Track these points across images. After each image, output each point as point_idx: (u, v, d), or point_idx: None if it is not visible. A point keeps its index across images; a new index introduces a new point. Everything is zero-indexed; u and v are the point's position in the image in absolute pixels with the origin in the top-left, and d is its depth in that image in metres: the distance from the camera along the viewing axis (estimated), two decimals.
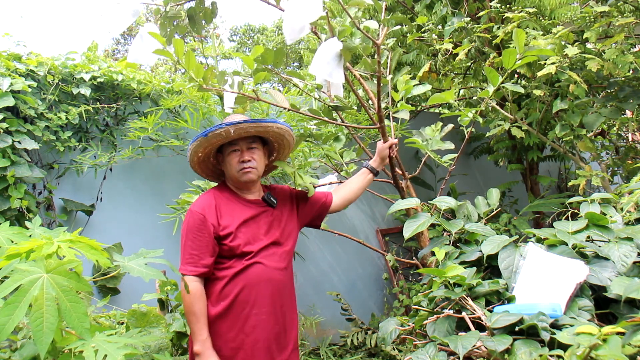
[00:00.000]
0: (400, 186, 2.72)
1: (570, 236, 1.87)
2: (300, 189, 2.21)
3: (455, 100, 2.64)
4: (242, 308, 1.81)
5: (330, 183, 3.02)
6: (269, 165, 2.12)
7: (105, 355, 1.30)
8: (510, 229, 4.13)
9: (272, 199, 1.99)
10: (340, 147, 2.96)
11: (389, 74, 2.63)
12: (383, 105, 2.57)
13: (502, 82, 2.47)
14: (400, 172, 2.80)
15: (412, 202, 2.31)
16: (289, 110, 2.26)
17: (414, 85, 2.50)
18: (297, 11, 1.96)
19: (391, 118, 2.71)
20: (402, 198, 2.66)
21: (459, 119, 2.76)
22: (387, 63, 2.64)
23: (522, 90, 2.61)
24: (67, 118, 3.21)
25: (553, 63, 2.97)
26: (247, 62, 2.01)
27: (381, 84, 2.33)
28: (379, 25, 2.25)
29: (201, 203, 1.88)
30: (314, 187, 2.20)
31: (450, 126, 2.83)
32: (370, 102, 2.80)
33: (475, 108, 2.76)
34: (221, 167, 1.99)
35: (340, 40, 2.12)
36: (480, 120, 2.76)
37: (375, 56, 2.24)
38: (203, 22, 2.32)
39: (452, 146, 2.71)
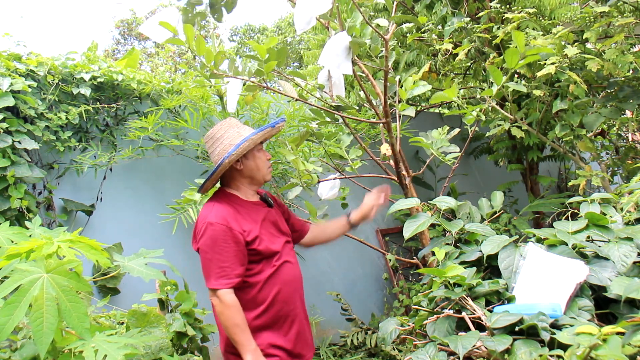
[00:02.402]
0: (404, 183, 2.73)
1: (570, 236, 1.87)
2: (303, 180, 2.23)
3: (458, 98, 2.64)
4: (279, 308, 1.84)
5: (335, 179, 3.03)
6: None
7: (105, 355, 1.31)
8: (510, 229, 4.13)
9: (268, 199, 2.02)
10: (345, 146, 2.99)
11: (398, 73, 2.66)
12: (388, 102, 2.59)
13: (504, 82, 2.47)
14: (404, 170, 2.80)
15: (413, 202, 2.31)
16: (297, 100, 2.29)
17: (416, 86, 2.52)
18: (307, 4, 2.01)
19: (397, 117, 2.72)
20: (406, 196, 2.67)
21: (463, 118, 2.76)
22: (395, 64, 2.67)
23: (524, 89, 2.61)
24: (67, 118, 3.21)
25: (553, 63, 2.96)
26: (259, 50, 2.02)
27: (387, 81, 2.36)
28: (389, 23, 2.29)
29: (218, 214, 1.80)
30: (317, 181, 2.20)
31: (456, 130, 2.83)
32: (375, 99, 2.81)
33: (479, 106, 2.76)
34: (238, 167, 1.91)
35: (349, 35, 2.15)
36: (484, 117, 2.77)
37: (383, 52, 2.26)
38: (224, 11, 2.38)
39: (457, 149, 2.72)
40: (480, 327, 1.65)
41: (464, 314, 1.71)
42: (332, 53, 2.13)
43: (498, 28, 3.36)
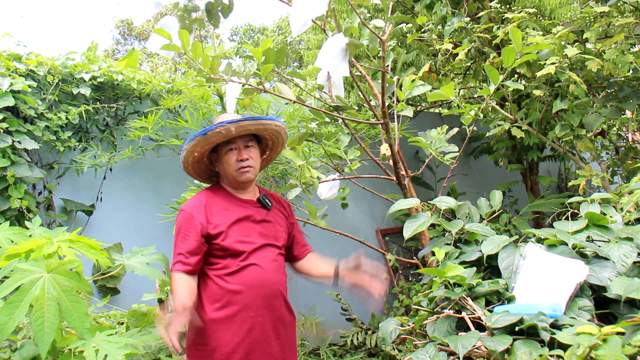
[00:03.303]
0: (403, 184, 2.73)
1: (570, 236, 1.87)
2: (303, 184, 2.22)
3: (456, 97, 2.64)
4: (237, 310, 1.78)
5: (334, 179, 3.03)
6: (261, 164, 2.11)
7: (106, 355, 1.30)
8: (510, 229, 4.13)
9: (267, 200, 1.97)
10: (344, 146, 2.99)
11: (396, 74, 2.66)
12: (386, 103, 2.60)
13: (502, 81, 2.47)
14: (403, 170, 2.81)
15: (412, 202, 2.31)
16: (294, 102, 2.28)
17: (415, 86, 2.52)
18: (303, 5, 2.01)
19: (396, 118, 2.72)
20: (405, 196, 2.67)
21: (461, 117, 2.76)
22: (393, 64, 2.67)
23: (522, 88, 2.61)
24: (67, 118, 3.21)
25: (553, 63, 2.96)
26: (255, 53, 2.02)
27: (385, 82, 2.36)
28: (385, 23, 2.29)
29: (190, 202, 1.87)
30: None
31: (455, 130, 2.83)
32: (373, 100, 2.81)
33: (477, 105, 2.76)
34: (215, 167, 1.97)
35: (346, 36, 2.15)
36: (482, 116, 2.77)
37: (380, 53, 2.26)
38: (220, 15, 2.38)
39: (455, 149, 2.72)
40: (480, 327, 1.65)
41: (464, 314, 1.71)
42: (328, 55, 2.14)
43: (498, 28, 3.36)
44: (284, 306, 1.92)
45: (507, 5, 3.77)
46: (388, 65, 2.50)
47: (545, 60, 3.05)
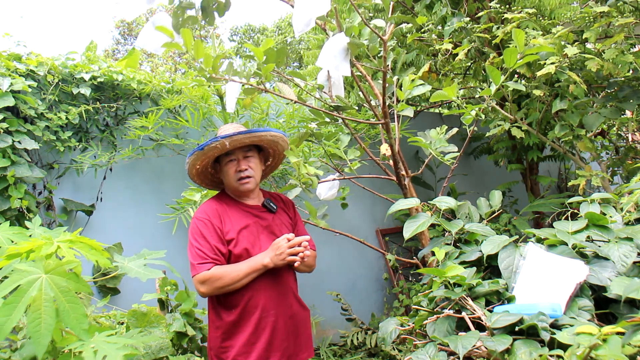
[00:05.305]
0: (403, 184, 2.73)
1: (570, 236, 1.87)
2: (302, 181, 2.23)
3: (458, 97, 2.64)
4: (252, 313, 1.86)
5: (334, 179, 3.03)
6: (266, 170, 2.17)
7: (105, 356, 1.30)
8: (510, 229, 4.13)
9: (271, 204, 2.02)
10: (344, 146, 2.99)
11: (396, 74, 2.66)
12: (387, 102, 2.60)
13: (503, 81, 2.47)
14: (403, 170, 2.80)
15: (412, 202, 2.31)
16: (295, 102, 2.29)
17: (415, 86, 2.52)
18: (306, 5, 2.02)
19: (396, 118, 2.72)
20: (405, 196, 2.67)
21: (461, 117, 2.76)
22: (393, 64, 2.67)
23: (523, 88, 2.61)
24: (67, 118, 3.21)
25: (553, 63, 2.96)
26: (256, 52, 2.03)
27: (386, 81, 2.36)
28: (386, 23, 2.29)
29: (204, 209, 1.93)
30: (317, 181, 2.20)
31: (454, 130, 2.84)
32: (374, 99, 2.81)
33: (478, 105, 2.76)
34: (219, 176, 2.03)
35: (347, 35, 2.16)
36: (483, 117, 2.77)
37: (381, 52, 2.26)
38: (215, 14, 2.37)
39: (455, 149, 2.72)
40: (480, 327, 1.65)
41: (464, 314, 1.71)
42: (330, 54, 2.15)
43: (498, 28, 3.36)
44: (296, 302, 1.99)
45: (507, 6, 3.77)
46: (388, 65, 2.50)
47: (545, 60, 3.05)
